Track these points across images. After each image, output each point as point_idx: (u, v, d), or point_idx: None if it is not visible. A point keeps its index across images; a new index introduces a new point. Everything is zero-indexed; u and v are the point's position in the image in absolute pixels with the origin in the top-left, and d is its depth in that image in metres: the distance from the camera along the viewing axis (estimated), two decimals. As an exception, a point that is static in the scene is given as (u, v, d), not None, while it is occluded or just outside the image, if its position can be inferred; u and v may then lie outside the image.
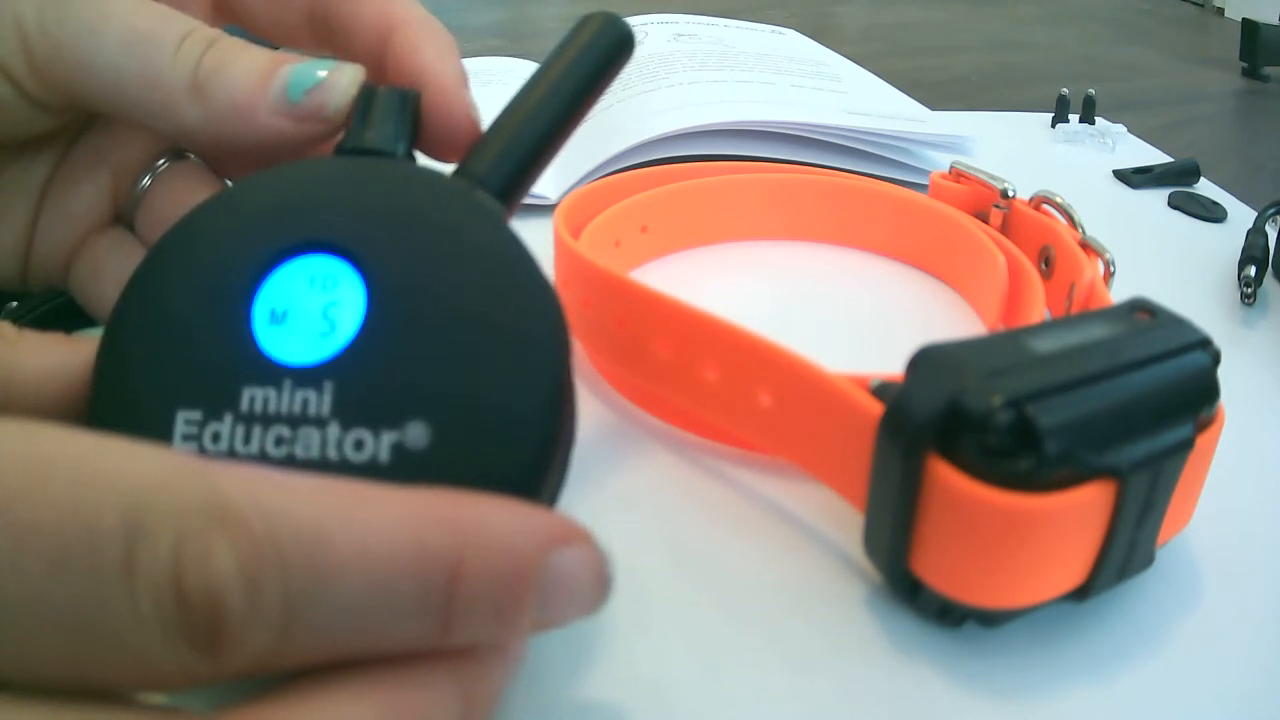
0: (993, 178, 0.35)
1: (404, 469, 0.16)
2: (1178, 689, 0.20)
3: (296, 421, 0.16)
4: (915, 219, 0.36)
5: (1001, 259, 0.32)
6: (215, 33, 0.20)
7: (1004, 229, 0.35)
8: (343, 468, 0.16)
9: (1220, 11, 0.94)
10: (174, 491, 0.12)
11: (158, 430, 0.16)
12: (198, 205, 0.18)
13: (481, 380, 0.16)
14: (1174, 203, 0.45)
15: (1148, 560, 0.21)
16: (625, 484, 0.25)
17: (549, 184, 0.41)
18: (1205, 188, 0.46)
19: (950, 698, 0.19)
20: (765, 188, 0.37)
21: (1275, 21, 0.71)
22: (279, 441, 0.16)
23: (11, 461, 0.12)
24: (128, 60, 0.19)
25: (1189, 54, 0.77)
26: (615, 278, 0.26)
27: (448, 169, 0.20)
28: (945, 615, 0.21)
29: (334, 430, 0.16)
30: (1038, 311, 0.30)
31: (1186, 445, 0.19)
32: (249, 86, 0.19)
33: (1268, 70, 0.70)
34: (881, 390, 0.20)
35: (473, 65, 0.57)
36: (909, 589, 0.21)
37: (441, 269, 0.17)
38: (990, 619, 0.21)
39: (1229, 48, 0.72)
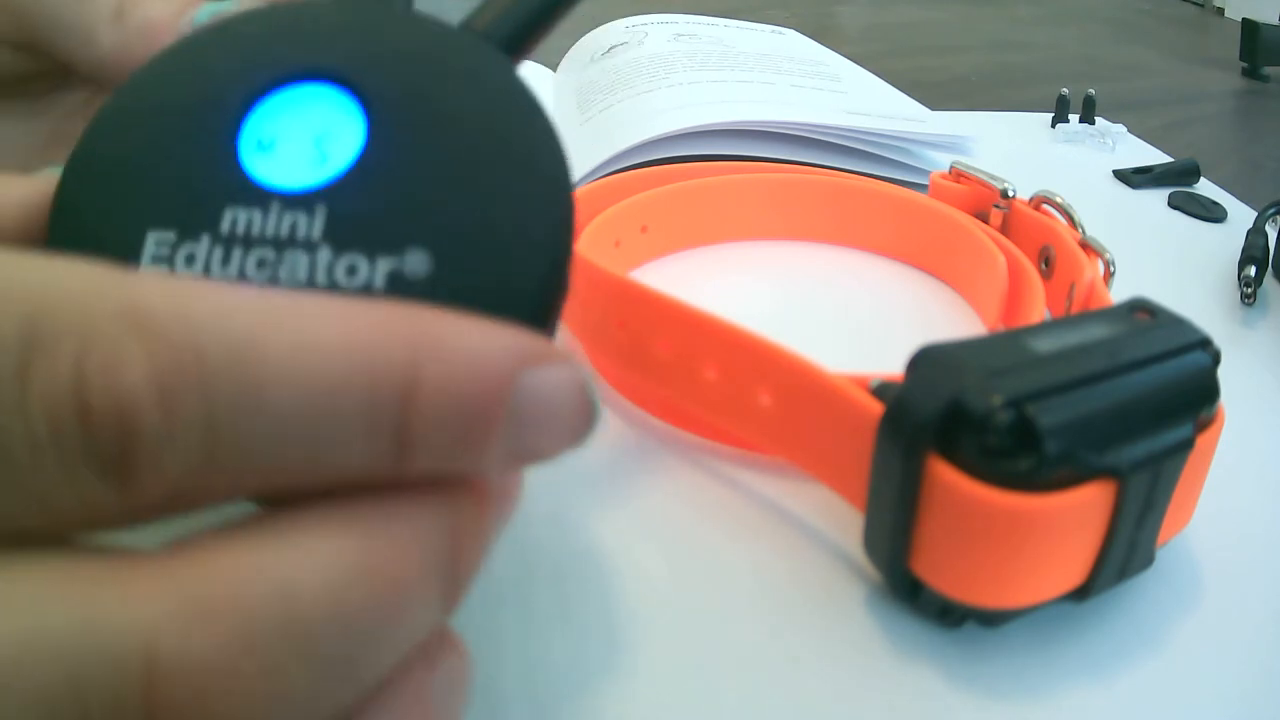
0: (993, 178, 0.35)
1: (400, 298, 0.14)
2: (1178, 689, 0.20)
3: (283, 244, 0.14)
4: (915, 219, 0.36)
5: (1001, 259, 0.32)
6: None
7: (1004, 229, 0.35)
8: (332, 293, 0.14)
9: (1220, 11, 0.94)
10: (84, 297, 0.10)
11: (124, 250, 0.15)
12: (186, 36, 0.17)
13: (488, 210, 0.15)
14: (1174, 203, 0.45)
15: (1148, 560, 0.21)
16: (625, 484, 0.25)
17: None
18: (1205, 188, 0.46)
19: (950, 698, 0.19)
20: (765, 188, 0.37)
21: (1275, 21, 0.71)
22: (261, 264, 0.14)
23: None
24: None
25: (1189, 54, 0.77)
26: (615, 278, 0.26)
27: None
28: (945, 615, 0.21)
29: (324, 254, 0.14)
30: (1038, 311, 0.30)
31: (1186, 445, 0.19)
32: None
33: (1268, 70, 0.70)
34: (881, 390, 0.20)
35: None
36: (909, 589, 0.21)
37: (448, 99, 0.16)
38: (990, 619, 0.21)
39: (1229, 48, 0.72)
